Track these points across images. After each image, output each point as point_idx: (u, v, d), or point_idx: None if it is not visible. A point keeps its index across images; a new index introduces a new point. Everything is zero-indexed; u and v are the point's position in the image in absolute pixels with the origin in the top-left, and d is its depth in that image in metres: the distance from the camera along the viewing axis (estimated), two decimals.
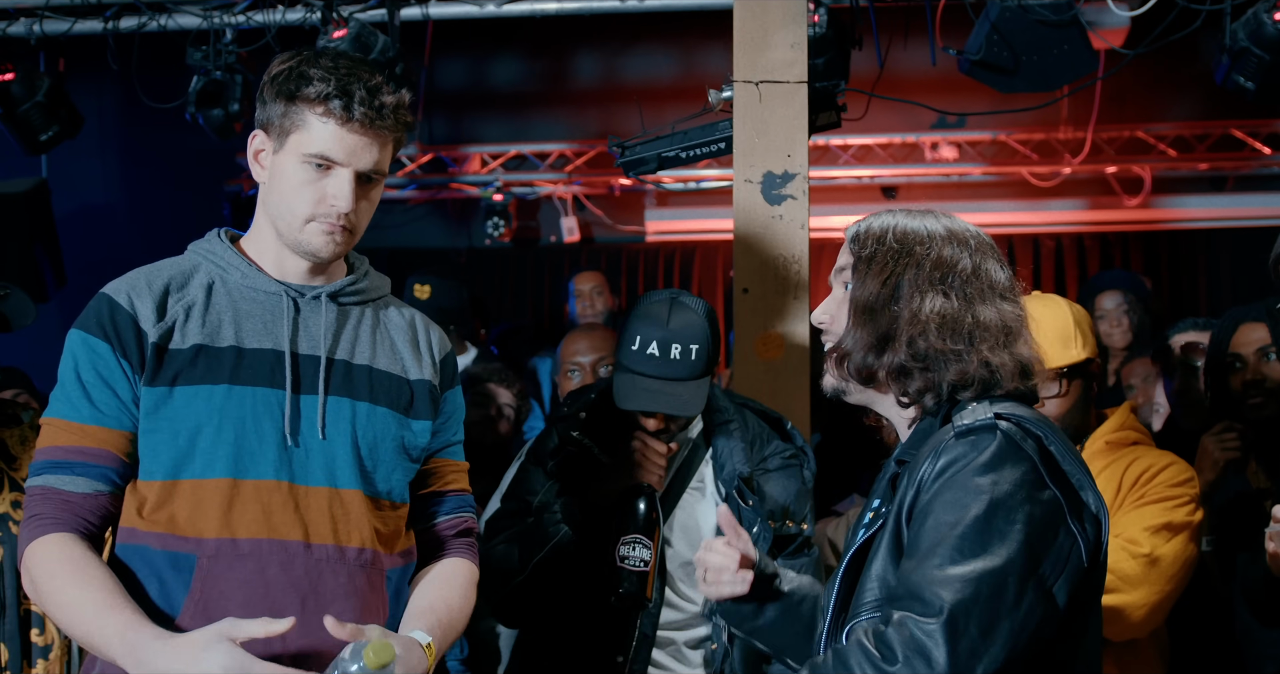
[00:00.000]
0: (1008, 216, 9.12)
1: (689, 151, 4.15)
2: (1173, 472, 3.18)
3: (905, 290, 2.11)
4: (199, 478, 2.27)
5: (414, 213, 10.03)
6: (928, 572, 1.88)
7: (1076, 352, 3.21)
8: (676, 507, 3.16)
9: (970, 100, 7.13)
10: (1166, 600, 3.09)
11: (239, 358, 2.32)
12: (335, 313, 2.44)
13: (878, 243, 2.16)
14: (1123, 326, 5.60)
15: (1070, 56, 4.94)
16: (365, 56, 5.14)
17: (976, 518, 1.89)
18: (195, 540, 2.25)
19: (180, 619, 2.23)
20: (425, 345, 2.56)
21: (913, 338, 2.08)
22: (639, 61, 9.36)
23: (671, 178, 8.94)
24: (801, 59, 3.87)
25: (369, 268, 2.56)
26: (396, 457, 2.44)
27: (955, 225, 2.20)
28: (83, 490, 2.27)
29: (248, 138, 2.44)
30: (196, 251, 2.45)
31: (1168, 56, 5.77)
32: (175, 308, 2.33)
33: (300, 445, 2.32)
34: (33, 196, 6.60)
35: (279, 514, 2.28)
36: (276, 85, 2.35)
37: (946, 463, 1.97)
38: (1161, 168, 8.74)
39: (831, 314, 2.22)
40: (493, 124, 9.87)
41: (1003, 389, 2.10)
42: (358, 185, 2.34)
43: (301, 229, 2.35)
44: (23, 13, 5.60)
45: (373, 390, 2.42)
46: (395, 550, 2.43)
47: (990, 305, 2.12)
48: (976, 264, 2.14)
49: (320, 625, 2.23)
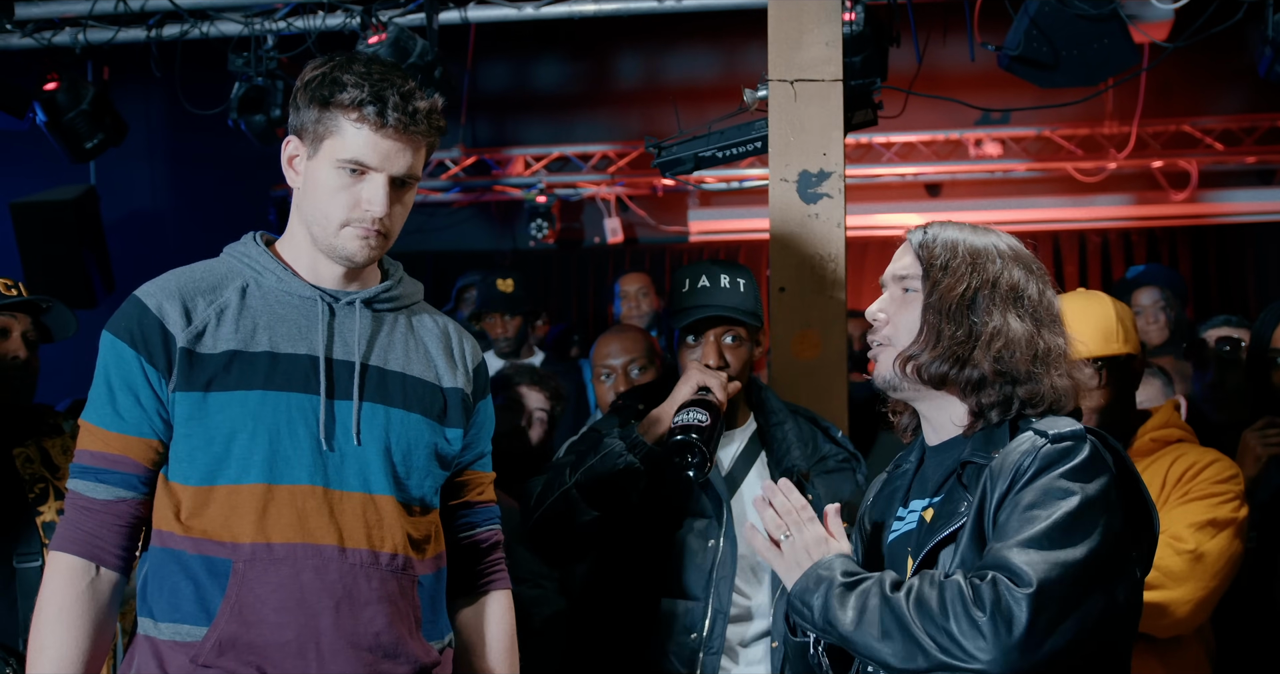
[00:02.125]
0: (1053, 213, 9.06)
1: (725, 151, 4.16)
2: (1217, 468, 3.15)
3: (982, 306, 2.18)
4: (234, 483, 2.29)
5: (458, 215, 10.08)
6: (1020, 551, 1.97)
7: (1117, 346, 3.19)
8: (733, 502, 3.17)
9: (1014, 96, 7.08)
10: (1211, 597, 3.06)
11: (273, 363, 2.33)
12: (369, 318, 2.45)
13: (950, 254, 2.22)
14: (1159, 323, 5.56)
15: (1111, 50, 4.89)
16: (404, 60, 5.18)
17: (1068, 513, 2.00)
18: (231, 545, 2.27)
19: (217, 621, 2.25)
20: (459, 354, 2.56)
21: (999, 354, 2.16)
22: (680, 61, 9.38)
23: (714, 177, 8.97)
24: (836, 57, 3.86)
25: (403, 274, 2.57)
26: (429, 463, 2.45)
27: (1017, 246, 2.29)
28: (103, 497, 2.31)
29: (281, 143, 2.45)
30: (232, 254, 2.46)
31: (1214, 49, 5.71)
32: (207, 311, 2.34)
33: (335, 450, 2.33)
34: (81, 203, 6.68)
35: (314, 519, 2.30)
36: (310, 91, 2.36)
37: (1044, 463, 2.06)
38: (1208, 162, 8.66)
39: (889, 314, 2.26)
40: (535, 126, 9.91)
41: (1064, 411, 2.20)
42: (392, 190, 2.35)
43: (336, 234, 2.36)
44: (68, 22, 5.67)
45: (406, 397, 2.43)
46: (427, 556, 2.45)
47: (1055, 332, 2.23)
48: (1040, 290, 2.24)
49: (354, 629, 2.27)
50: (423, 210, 9.97)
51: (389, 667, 2.33)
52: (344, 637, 2.27)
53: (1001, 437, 2.17)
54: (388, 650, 2.33)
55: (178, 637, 2.27)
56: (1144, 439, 3.23)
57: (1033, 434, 2.12)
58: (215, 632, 2.24)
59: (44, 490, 3.27)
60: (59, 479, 3.27)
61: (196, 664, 2.24)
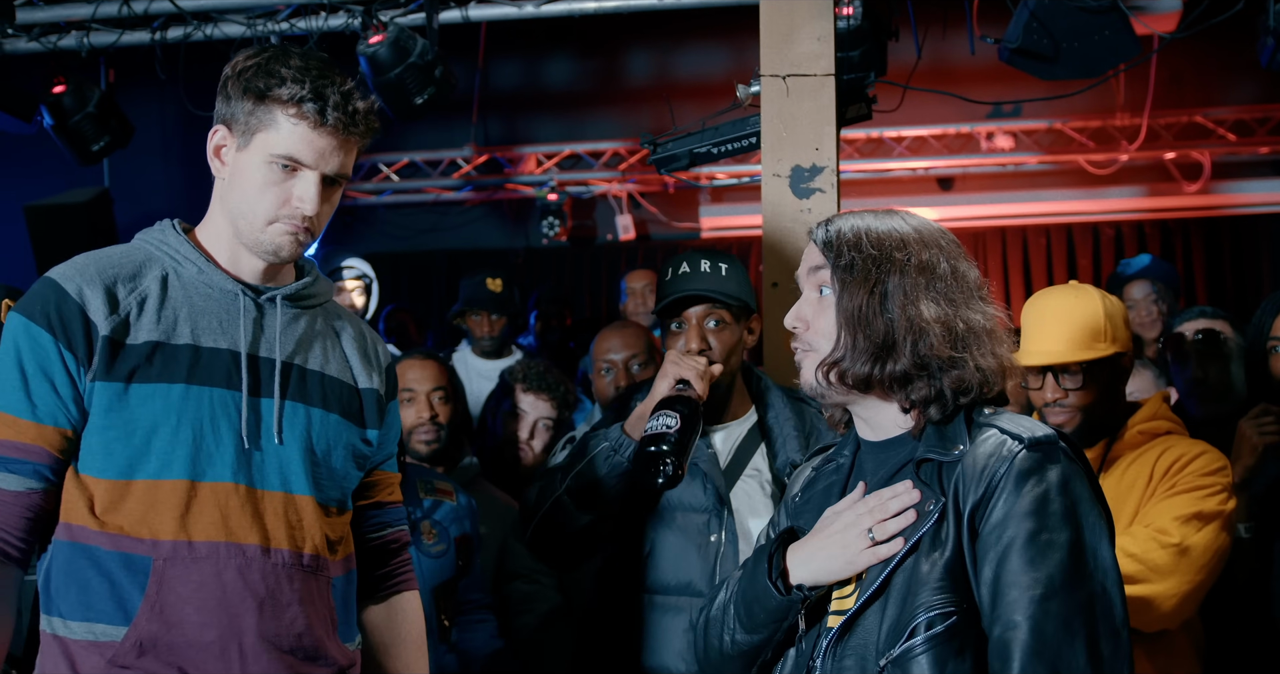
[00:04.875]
0: (1065, 205, 9.04)
1: (720, 147, 4.16)
2: (1204, 461, 3.14)
3: (894, 297, 2.11)
4: (155, 478, 2.24)
5: (471, 214, 10.11)
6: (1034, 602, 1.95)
7: (1104, 346, 3.18)
8: (730, 496, 3.15)
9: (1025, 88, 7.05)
10: (1197, 590, 3.05)
11: (196, 356, 2.28)
12: (289, 316, 2.42)
13: (854, 249, 2.14)
14: (1152, 316, 5.53)
15: (1112, 42, 4.87)
16: (404, 60, 5.21)
17: (1067, 553, 1.96)
18: (150, 542, 2.22)
19: (136, 621, 2.21)
20: (373, 354, 2.55)
21: (915, 345, 2.09)
22: (691, 58, 9.38)
23: (725, 173, 8.98)
24: (828, 52, 3.86)
25: (318, 272, 2.53)
26: (347, 464, 2.44)
27: (922, 226, 2.19)
28: (14, 488, 2.22)
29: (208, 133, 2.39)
30: (148, 241, 2.39)
31: (1225, 39, 5.69)
32: (128, 300, 2.28)
33: (259, 449, 2.30)
34: (94, 206, 6.72)
35: (236, 518, 2.26)
36: (244, 82, 2.31)
37: (1021, 475, 2.00)
38: (1221, 152, 8.62)
39: (807, 320, 2.20)
40: (547, 124, 9.93)
41: (992, 393, 2.14)
42: (322, 187, 2.32)
43: (263, 229, 2.32)
44: (73, 26, 5.72)
45: (325, 396, 2.40)
46: (339, 557, 2.42)
47: (973, 308, 2.14)
48: (953, 266, 2.14)
49: (277, 631, 2.25)
50: (435, 209, 10.00)
51: (310, 669, 2.31)
52: (266, 638, 2.25)
53: (957, 432, 2.10)
54: (309, 652, 2.31)
55: (91, 636, 2.21)
56: (1132, 431, 3.22)
57: (999, 433, 2.06)
58: (135, 631, 2.20)
59: None
60: None
61: (114, 665, 2.19)
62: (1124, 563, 2.99)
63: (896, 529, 2.05)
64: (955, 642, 1.98)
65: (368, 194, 9.73)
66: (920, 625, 1.98)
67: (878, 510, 2.08)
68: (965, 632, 1.98)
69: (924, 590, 2.00)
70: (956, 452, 2.07)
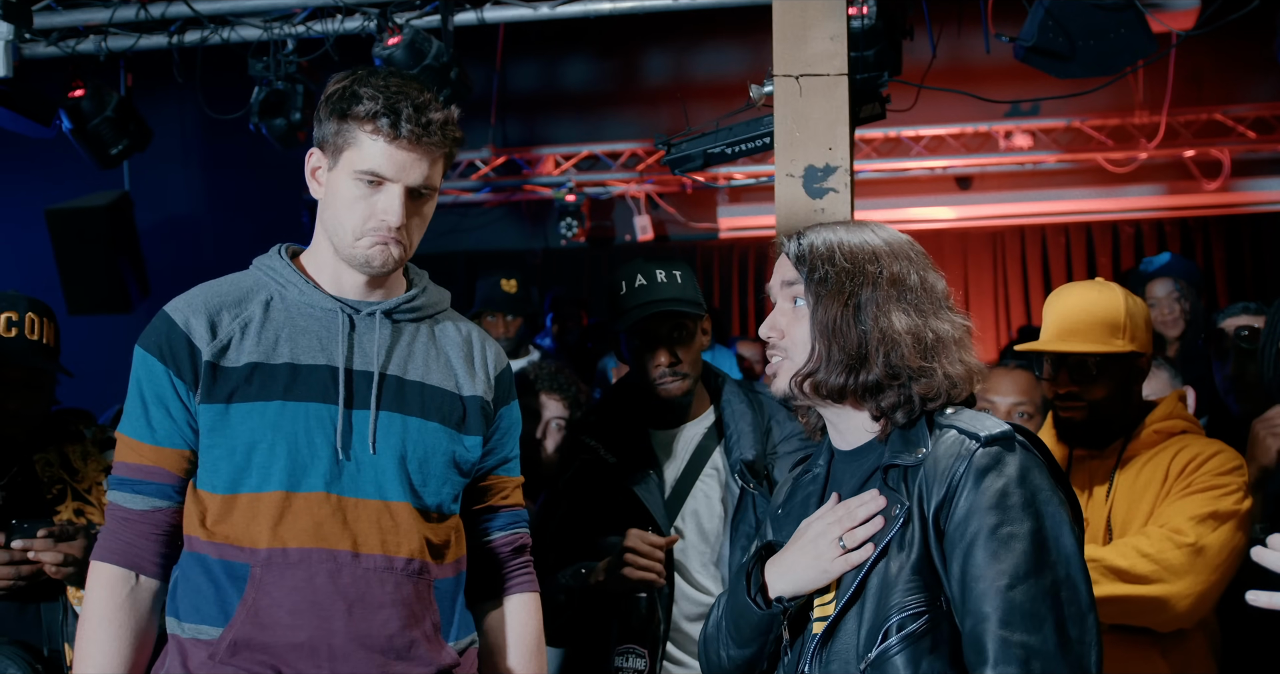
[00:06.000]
0: (1084, 204, 9.02)
1: (734, 148, 4.17)
2: (1220, 460, 3.12)
3: (868, 310, 2.16)
4: (255, 491, 2.36)
5: (489, 215, 10.14)
6: (1007, 632, 2.00)
7: (1120, 343, 3.17)
8: (690, 494, 3.18)
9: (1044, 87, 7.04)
10: (1212, 590, 3.03)
11: (293, 374, 2.39)
12: (390, 329, 2.50)
13: (827, 262, 2.20)
14: (1174, 314, 5.49)
15: (1128, 40, 4.85)
16: (419, 62, 5.22)
17: (1029, 544, 2.02)
18: (249, 550, 2.34)
19: (233, 622, 2.32)
20: (480, 361, 2.61)
21: (887, 356, 2.14)
22: (708, 59, 9.39)
23: (743, 173, 8.98)
24: (841, 51, 3.85)
25: (428, 283, 2.61)
26: (447, 470, 2.49)
27: (892, 238, 2.26)
28: (140, 507, 2.41)
29: (305, 154, 2.50)
30: (259, 267, 2.52)
31: (1244, 37, 5.67)
32: (231, 325, 2.41)
33: (351, 459, 2.39)
34: (115, 209, 6.76)
35: (328, 525, 2.35)
36: (330, 104, 2.42)
37: (979, 472, 2.07)
38: (1241, 150, 8.58)
39: (781, 330, 2.25)
40: (564, 125, 9.95)
41: (959, 399, 2.20)
42: (408, 200, 2.40)
43: (354, 243, 2.41)
44: (91, 30, 5.75)
45: (424, 406, 2.47)
46: (446, 561, 2.49)
47: (942, 318, 2.20)
48: (922, 277, 2.21)
49: (368, 632, 2.32)
50: (454, 211, 10.02)
51: (402, 668, 2.37)
52: (356, 639, 2.33)
53: (919, 435, 2.16)
54: (400, 652, 2.37)
55: (198, 635, 2.35)
56: (1148, 431, 3.21)
57: (958, 434, 2.12)
58: (230, 632, 2.32)
59: (61, 491, 3.34)
60: (76, 481, 3.34)
61: (215, 661, 2.32)
62: (1139, 563, 3.00)
63: (865, 536, 2.13)
64: (928, 639, 2.05)
65: None
66: (893, 626, 2.06)
67: (846, 519, 2.15)
68: (937, 629, 2.06)
69: (895, 593, 2.07)
70: (919, 455, 2.13)
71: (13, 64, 5.01)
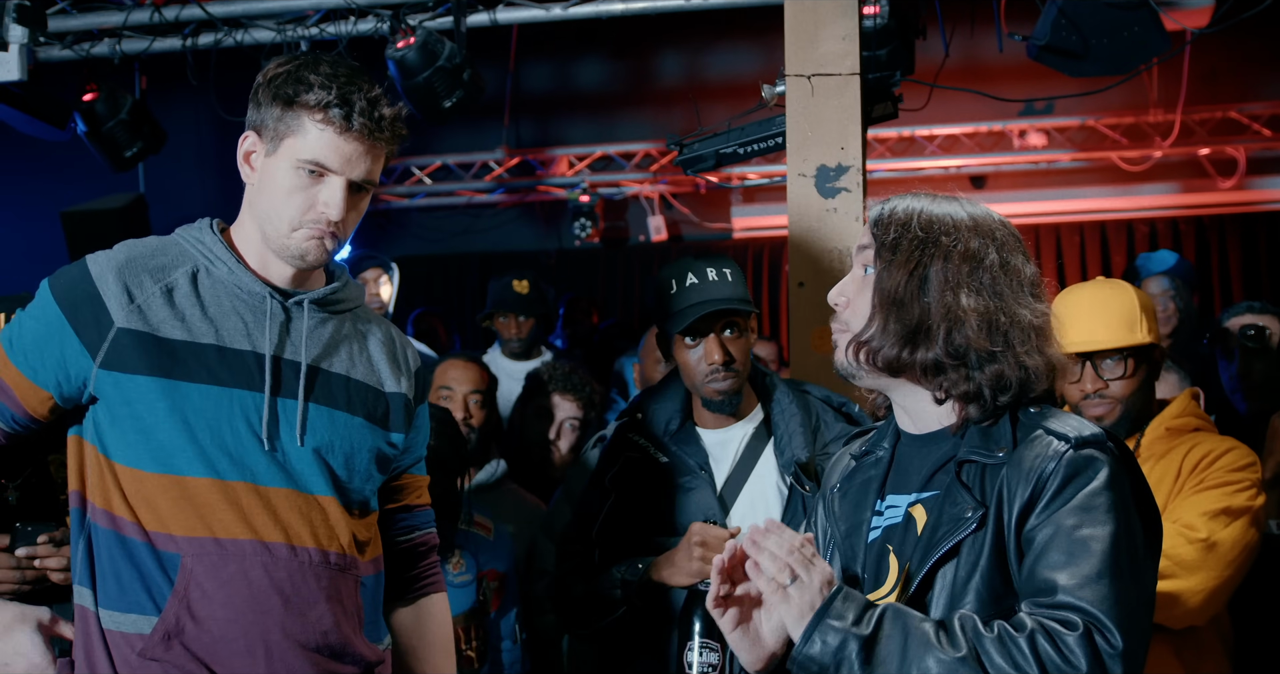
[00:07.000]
0: (1099, 203, 9.00)
1: (746, 148, 4.17)
2: (1233, 457, 3.12)
3: (934, 282, 2.05)
4: (179, 475, 2.27)
5: (503, 216, 10.15)
6: (1091, 589, 1.90)
7: (1141, 335, 3.18)
8: (740, 494, 3.17)
9: (1058, 85, 7.03)
10: (1225, 586, 3.03)
11: (220, 356, 2.31)
12: (316, 320, 2.44)
13: (902, 228, 2.09)
14: (1168, 312, 5.47)
15: (1141, 38, 4.84)
16: (433, 63, 5.24)
17: (1112, 543, 1.92)
18: (180, 539, 2.26)
19: (165, 615, 2.25)
20: (402, 358, 2.56)
21: (949, 333, 2.03)
22: (722, 59, 9.38)
23: (757, 174, 8.98)
24: (853, 51, 3.86)
25: (348, 277, 2.55)
26: (370, 467, 2.45)
27: (980, 214, 2.14)
28: None
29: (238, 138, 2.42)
30: (185, 238, 2.42)
31: (1259, 34, 5.66)
32: (152, 288, 2.32)
33: (279, 450, 2.32)
34: (129, 212, 6.75)
35: (258, 516, 2.29)
36: (273, 88, 2.34)
37: (1069, 473, 1.96)
38: (1256, 148, 8.56)
39: (849, 296, 2.15)
40: (578, 126, 9.96)
41: (1035, 392, 2.07)
42: (348, 194, 2.34)
43: (289, 234, 2.34)
44: (106, 33, 5.77)
45: (349, 400, 2.42)
46: (368, 558, 2.44)
47: (1022, 304, 2.07)
48: (1004, 258, 2.09)
49: (303, 629, 2.28)
50: (468, 212, 10.04)
51: (336, 667, 2.34)
52: (292, 636, 2.28)
53: (1002, 433, 2.04)
54: (335, 650, 2.34)
55: (123, 627, 2.27)
56: (1160, 428, 3.21)
57: (1046, 434, 2.01)
58: (163, 625, 2.24)
59: None
60: None
61: (144, 658, 2.24)
62: None
63: None
64: None
65: (400, 197, 9.79)
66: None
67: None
68: None
69: (964, 602, 1.98)
70: (1001, 454, 2.03)
71: (28, 67, 5.05)
